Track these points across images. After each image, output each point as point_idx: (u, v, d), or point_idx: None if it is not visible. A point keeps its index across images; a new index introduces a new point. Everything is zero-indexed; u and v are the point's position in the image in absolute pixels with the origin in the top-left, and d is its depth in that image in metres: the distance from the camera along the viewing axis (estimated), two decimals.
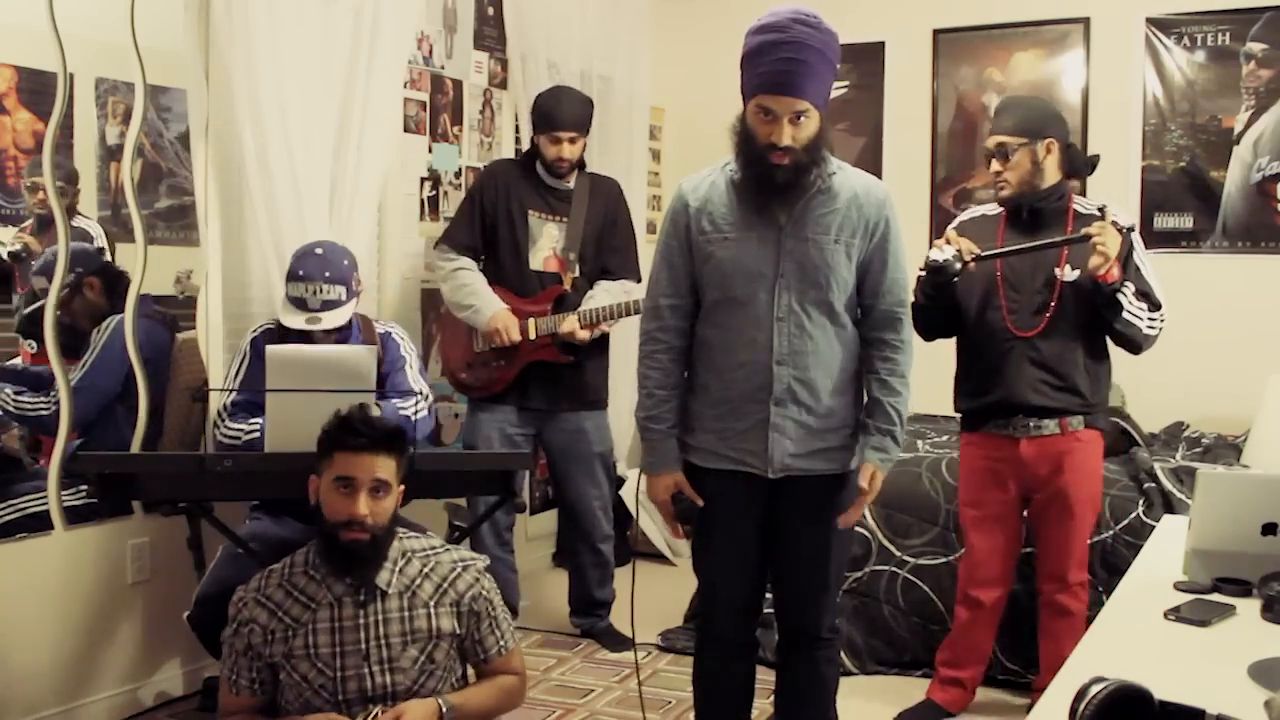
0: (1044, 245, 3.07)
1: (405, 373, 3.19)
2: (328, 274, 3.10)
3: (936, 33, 5.31)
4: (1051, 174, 3.13)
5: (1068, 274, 3.09)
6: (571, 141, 3.85)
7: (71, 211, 3.21)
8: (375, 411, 2.58)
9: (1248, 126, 4.79)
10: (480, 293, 3.83)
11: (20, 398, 3.11)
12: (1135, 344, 3.10)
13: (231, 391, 3.08)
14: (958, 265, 3.02)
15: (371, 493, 2.36)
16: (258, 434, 2.96)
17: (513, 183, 3.91)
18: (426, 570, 2.46)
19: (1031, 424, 3.13)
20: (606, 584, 4.11)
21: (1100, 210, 3.09)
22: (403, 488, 2.47)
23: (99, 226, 3.29)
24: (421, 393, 3.17)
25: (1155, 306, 3.08)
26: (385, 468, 2.37)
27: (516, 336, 3.77)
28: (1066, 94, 5.07)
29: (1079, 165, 3.19)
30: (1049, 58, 5.12)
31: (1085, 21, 5.03)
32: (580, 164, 3.96)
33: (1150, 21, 4.92)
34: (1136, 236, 3.15)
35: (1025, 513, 3.28)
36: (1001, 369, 3.13)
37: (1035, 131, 3.10)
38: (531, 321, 3.80)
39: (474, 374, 3.87)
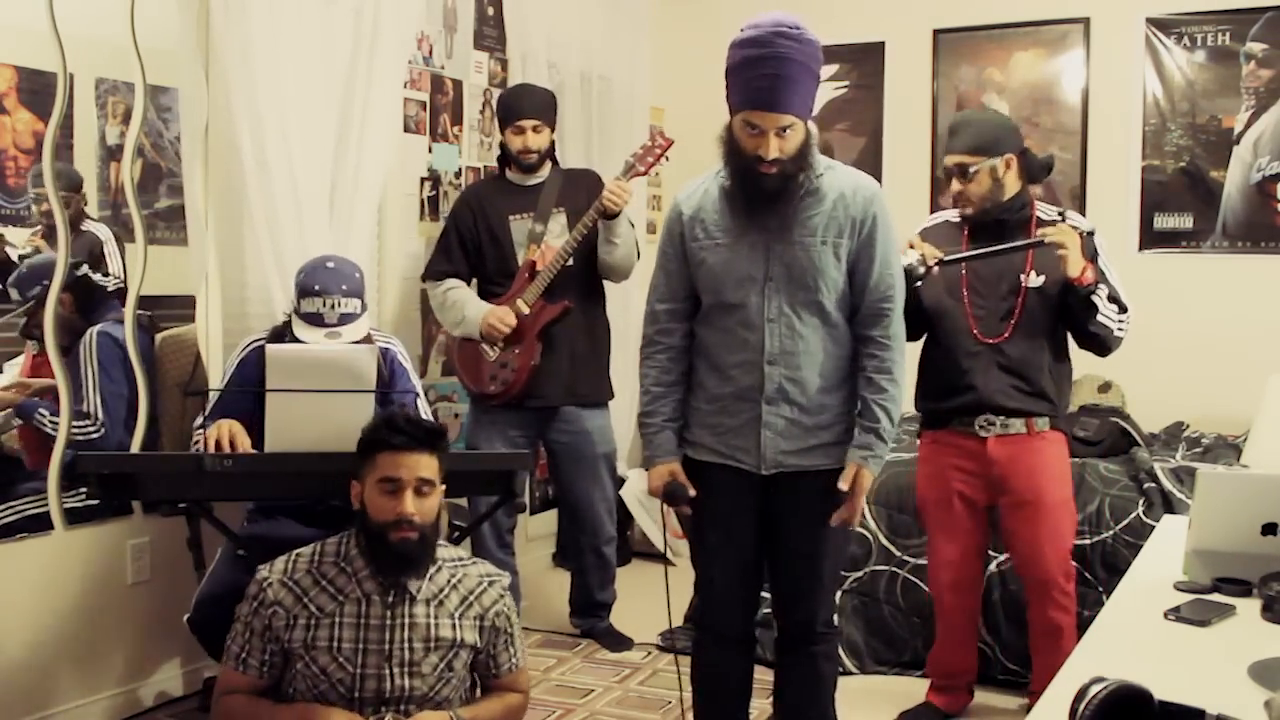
0: (1005, 250, 3.09)
1: (420, 404, 3.16)
2: (344, 287, 3.05)
3: (936, 33, 5.31)
4: (1012, 186, 3.14)
5: (1033, 280, 3.10)
6: (535, 130, 3.86)
7: (80, 216, 3.21)
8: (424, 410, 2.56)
9: (1248, 126, 4.79)
10: (466, 301, 3.85)
11: (57, 419, 3.11)
12: (1105, 346, 3.10)
13: (219, 396, 3.05)
14: (921, 270, 3.05)
15: (416, 491, 2.37)
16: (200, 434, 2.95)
17: (485, 198, 3.93)
18: (454, 581, 2.48)
19: (999, 422, 3.12)
20: (608, 585, 4.12)
21: (1061, 215, 3.13)
22: (444, 487, 2.48)
23: (107, 230, 3.29)
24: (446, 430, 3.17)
25: (1123, 309, 3.09)
26: (429, 466, 2.39)
27: (511, 320, 3.77)
28: (1066, 94, 5.07)
29: (1035, 170, 3.20)
30: (1049, 58, 5.12)
31: (1085, 21, 5.03)
32: (552, 158, 3.96)
33: (1150, 21, 4.92)
34: (1100, 241, 3.14)
35: (993, 520, 3.27)
36: (970, 374, 3.13)
37: (992, 148, 3.10)
38: (519, 300, 3.81)
39: (498, 382, 3.82)
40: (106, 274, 3.29)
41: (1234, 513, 2.23)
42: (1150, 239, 4.95)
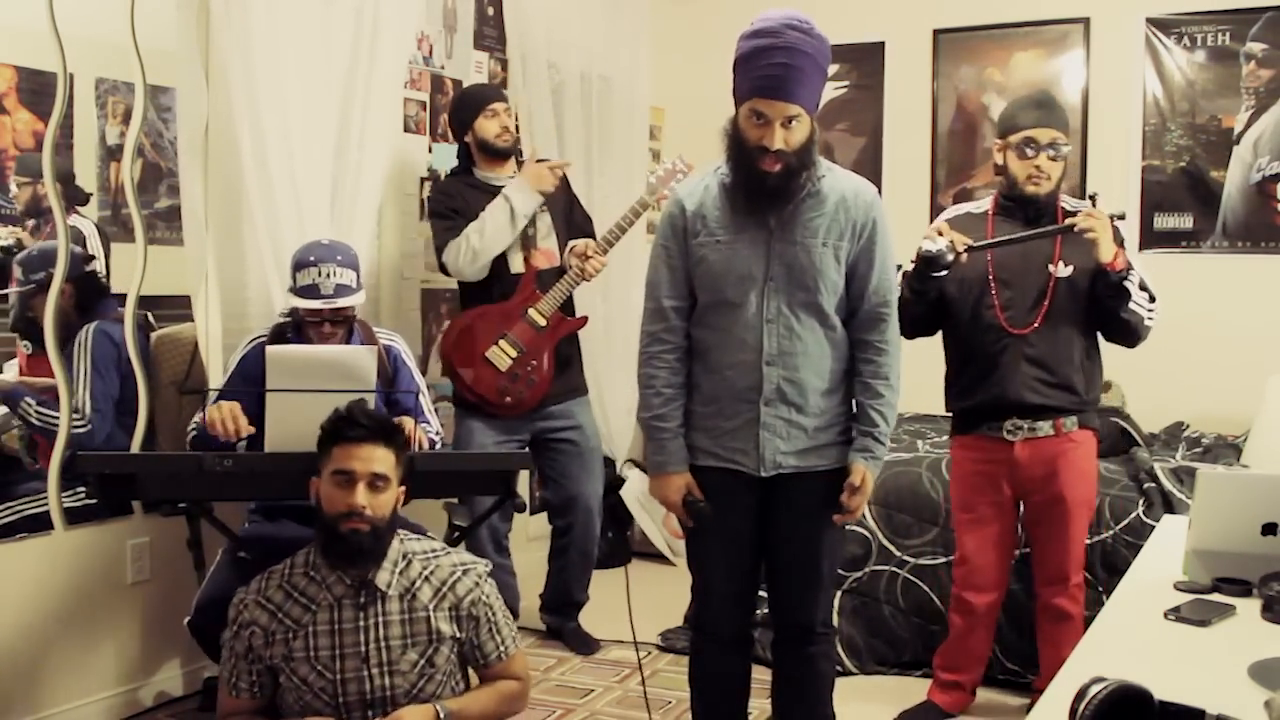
0: (1033, 235, 3.09)
1: (423, 402, 3.16)
2: (339, 258, 3.06)
3: (936, 33, 5.31)
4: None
5: (1061, 270, 3.10)
6: (506, 113, 3.84)
7: (69, 209, 3.21)
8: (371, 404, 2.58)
9: (1248, 126, 4.79)
10: (490, 207, 3.72)
11: (44, 409, 3.11)
12: (1135, 334, 3.09)
13: (219, 394, 3.05)
14: (950, 256, 3.01)
15: (369, 486, 2.36)
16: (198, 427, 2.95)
17: (466, 197, 3.82)
18: (426, 573, 2.46)
19: (1025, 426, 3.12)
20: (586, 586, 4.11)
21: (1092, 199, 3.11)
22: (403, 488, 2.47)
23: (92, 226, 3.28)
24: (439, 432, 3.18)
25: (1152, 298, 3.09)
26: (383, 461, 2.38)
27: (545, 170, 3.72)
28: (1066, 94, 5.06)
29: None
30: (1049, 58, 5.12)
31: (1085, 21, 5.03)
32: (518, 150, 3.92)
33: (1150, 21, 4.92)
34: (1122, 229, 3.14)
35: (1020, 515, 3.28)
36: (996, 367, 3.13)
37: (1068, 132, 3.17)
38: (533, 311, 3.78)
39: (514, 392, 3.76)
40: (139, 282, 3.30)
41: (1234, 513, 2.23)
42: (1150, 239, 4.95)
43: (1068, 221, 3.03)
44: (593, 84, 4.93)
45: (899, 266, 2.99)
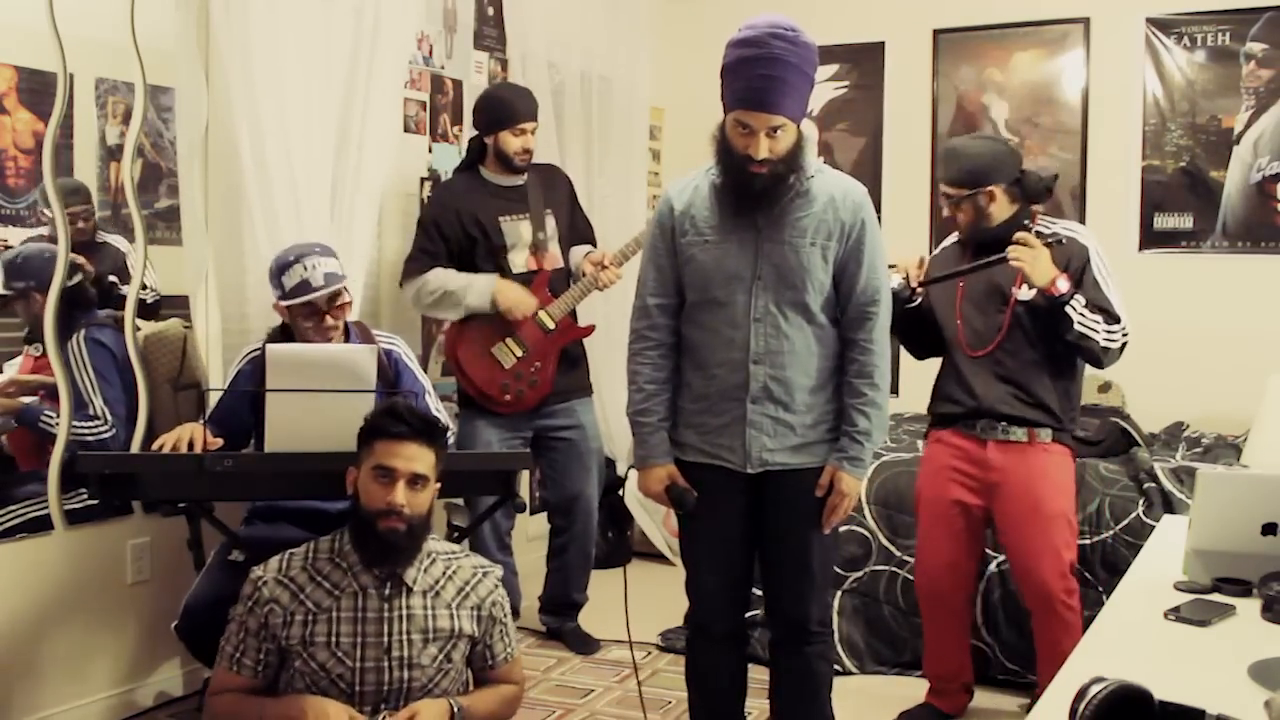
0: (974, 268, 3.14)
1: (429, 401, 3.15)
2: (317, 249, 3.06)
3: (936, 33, 5.31)
4: (1002, 212, 3.14)
5: (1024, 293, 3.11)
6: (534, 132, 3.84)
7: (94, 229, 3.22)
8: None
9: (1248, 126, 4.79)
10: (458, 278, 3.73)
11: (58, 417, 3.10)
12: (1094, 356, 3.07)
13: (215, 406, 3.04)
14: (906, 291, 3.16)
15: (409, 484, 2.38)
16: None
17: (470, 199, 3.81)
18: (450, 572, 2.50)
19: (1000, 427, 3.13)
20: (585, 586, 4.11)
21: (1024, 226, 3.12)
22: (438, 485, 2.49)
23: (127, 243, 3.29)
24: (447, 426, 3.16)
25: (1113, 319, 3.04)
26: (424, 460, 2.40)
27: (531, 302, 3.74)
28: (1066, 94, 5.07)
29: (1035, 192, 3.17)
30: (1049, 58, 5.12)
31: (1085, 21, 5.03)
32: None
33: (1150, 21, 4.92)
34: (1096, 251, 3.12)
35: (992, 528, 3.26)
36: (971, 385, 3.17)
37: (976, 181, 3.11)
38: (543, 313, 3.79)
39: (512, 393, 3.77)
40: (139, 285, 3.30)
41: (1234, 513, 2.23)
42: (1150, 239, 4.95)
43: (1006, 252, 3.03)
44: (593, 84, 4.93)
45: (892, 266, 3.02)
